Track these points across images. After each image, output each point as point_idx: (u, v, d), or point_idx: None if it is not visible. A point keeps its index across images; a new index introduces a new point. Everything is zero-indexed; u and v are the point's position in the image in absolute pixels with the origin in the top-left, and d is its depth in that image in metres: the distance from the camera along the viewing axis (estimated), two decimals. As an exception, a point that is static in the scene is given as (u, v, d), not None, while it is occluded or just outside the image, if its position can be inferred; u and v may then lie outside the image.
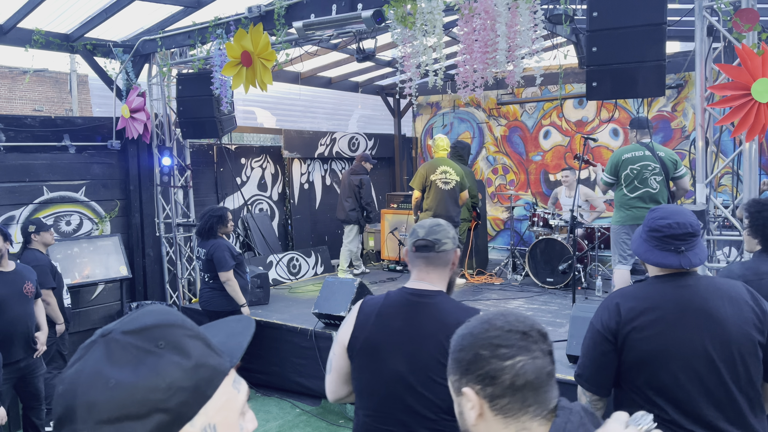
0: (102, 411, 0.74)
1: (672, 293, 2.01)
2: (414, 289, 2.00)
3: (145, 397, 0.76)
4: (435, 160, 6.38)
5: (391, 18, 4.25)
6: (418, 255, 2.02)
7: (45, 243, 4.97)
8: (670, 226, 2.00)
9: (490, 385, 1.10)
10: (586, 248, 6.80)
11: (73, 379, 0.77)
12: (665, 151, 5.16)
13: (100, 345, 0.79)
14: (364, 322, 2.00)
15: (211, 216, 5.20)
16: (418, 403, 1.90)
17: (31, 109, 17.62)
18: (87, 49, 6.28)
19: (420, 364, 1.90)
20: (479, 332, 1.15)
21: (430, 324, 1.93)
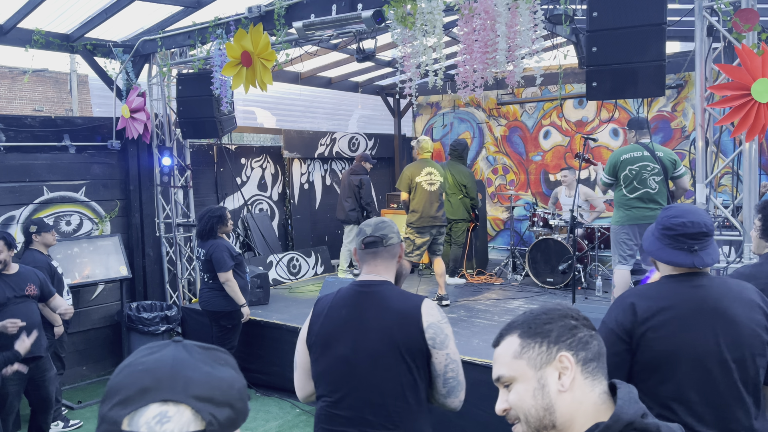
0: (196, 388, 0.86)
1: (686, 293, 2.00)
2: (362, 281, 2.16)
3: (226, 390, 0.89)
4: (420, 162, 6.42)
5: (391, 18, 4.25)
6: (367, 251, 2.18)
7: (46, 244, 4.96)
8: (684, 224, 1.99)
9: (583, 349, 1.21)
10: (586, 248, 6.80)
11: (161, 361, 0.88)
12: (664, 151, 5.16)
13: (177, 346, 0.92)
14: (318, 315, 2.18)
15: (210, 217, 5.19)
16: (363, 386, 2.04)
17: (31, 109, 17.63)
18: (87, 49, 6.28)
19: (365, 349, 2.04)
20: (562, 308, 1.27)
21: (374, 312, 2.07)
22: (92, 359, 6.26)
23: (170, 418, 0.84)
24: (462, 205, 7.15)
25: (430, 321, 2.05)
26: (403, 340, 2.02)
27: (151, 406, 0.84)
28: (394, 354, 2.02)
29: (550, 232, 7.12)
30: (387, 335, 2.03)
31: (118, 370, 0.90)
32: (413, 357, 2.02)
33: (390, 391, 2.02)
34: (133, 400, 0.84)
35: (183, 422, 0.85)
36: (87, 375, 6.19)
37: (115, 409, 0.84)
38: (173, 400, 0.85)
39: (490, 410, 4.40)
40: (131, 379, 0.86)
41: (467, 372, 4.51)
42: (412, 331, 2.02)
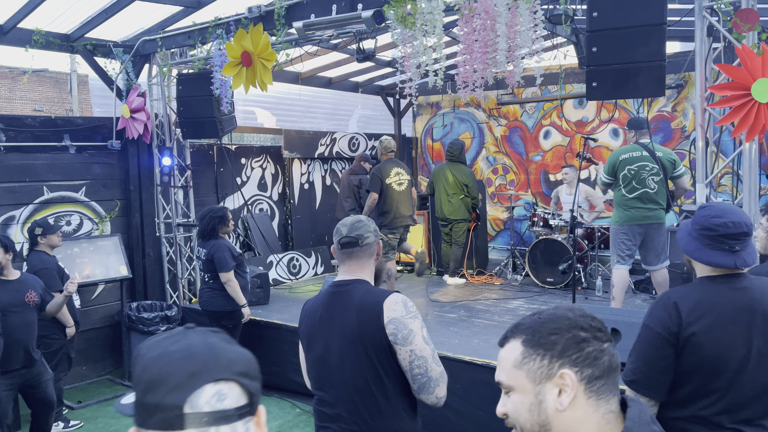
0: (238, 365, 0.95)
1: (729, 295, 1.98)
2: (335, 281, 2.21)
3: (254, 365, 0.99)
4: (386, 163, 6.49)
5: (391, 18, 4.25)
6: (343, 251, 2.20)
7: (52, 245, 4.95)
8: (726, 225, 1.96)
9: (590, 366, 1.10)
10: (586, 248, 6.80)
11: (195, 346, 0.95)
12: (663, 151, 5.16)
13: (197, 332, 0.99)
14: (303, 317, 2.26)
15: (212, 217, 5.19)
16: (335, 383, 2.09)
17: (31, 109, 17.63)
18: (87, 50, 6.28)
19: (334, 347, 2.09)
20: (571, 317, 1.15)
21: (341, 311, 2.11)
22: (92, 359, 6.26)
23: (226, 395, 0.93)
24: (463, 205, 7.15)
25: (391, 316, 2.03)
26: (363, 336, 2.03)
27: (206, 387, 0.91)
28: (358, 351, 2.04)
29: (550, 232, 7.12)
30: (351, 333, 2.06)
31: (149, 362, 0.94)
32: (377, 354, 2.03)
33: (358, 389, 2.04)
34: (185, 384, 0.90)
35: (235, 397, 0.94)
36: (87, 375, 6.19)
37: (171, 396, 0.90)
38: (223, 378, 0.93)
39: (490, 410, 4.40)
40: (175, 366, 0.91)
41: (468, 372, 4.51)
42: (372, 327, 2.03)
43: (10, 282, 4.09)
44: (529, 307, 6.10)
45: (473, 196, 7.18)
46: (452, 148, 7.35)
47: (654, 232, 5.05)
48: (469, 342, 4.87)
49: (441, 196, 7.23)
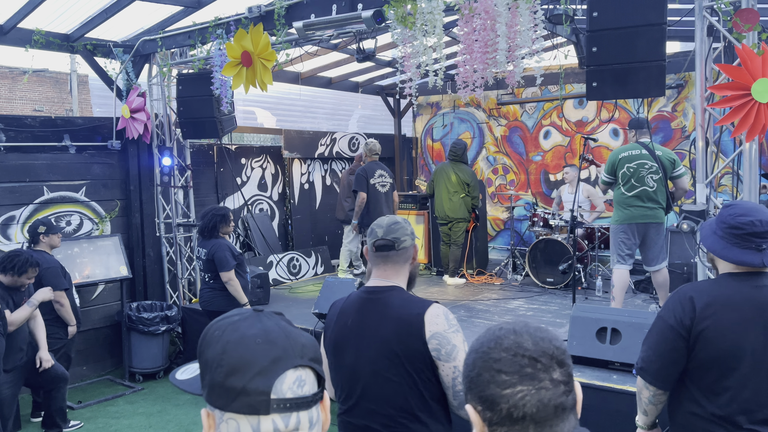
0: (310, 351, 0.98)
1: (749, 293, 1.98)
2: (369, 287, 2.05)
3: (320, 351, 1.00)
4: (371, 164, 6.68)
5: (391, 18, 4.25)
6: (378, 255, 2.04)
7: (52, 245, 4.97)
8: (753, 223, 1.97)
9: (489, 410, 1.02)
10: (586, 248, 6.80)
11: (273, 332, 0.96)
12: (663, 151, 5.16)
13: (269, 315, 1.01)
14: (330, 322, 2.11)
15: (214, 215, 5.20)
16: (368, 397, 1.95)
17: (31, 109, 17.62)
18: (87, 50, 6.28)
19: (366, 358, 1.95)
20: (484, 351, 1.05)
21: (375, 320, 1.96)
22: (92, 359, 6.26)
23: (305, 381, 0.96)
24: (463, 204, 7.15)
25: (434, 330, 1.88)
26: (403, 350, 1.89)
27: (288, 373, 0.94)
28: (396, 365, 1.89)
29: (550, 232, 7.12)
30: (387, 344, 1.91)
31: (230, 345, 0.94)
32: (416, 369, 1.88)
33: (394, 404, 1.90)
34: (270, 370, 0.92)
35: (311, 383, 0.97)
36: (87, 375, 6.19)
37: (257, 381, 0.91)
38: (301, 365, 0.95)
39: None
40: (258, 351, 0.93)
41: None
42: (413, 340, 1.88)
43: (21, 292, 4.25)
44: (529, 307, 6.10)
45: (474, 195, 7.18)
46: (455, 147, 7.34)
47: (654, 232, 5.05)
48: (469, 342, 4.86)
49: (442, 194, 7.22)
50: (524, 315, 5.79)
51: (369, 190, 6.48)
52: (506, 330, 1.07)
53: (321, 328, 5.22)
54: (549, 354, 1.02)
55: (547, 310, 5.95)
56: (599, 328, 4.01)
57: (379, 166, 6.68)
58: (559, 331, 5.13)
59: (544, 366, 1.01)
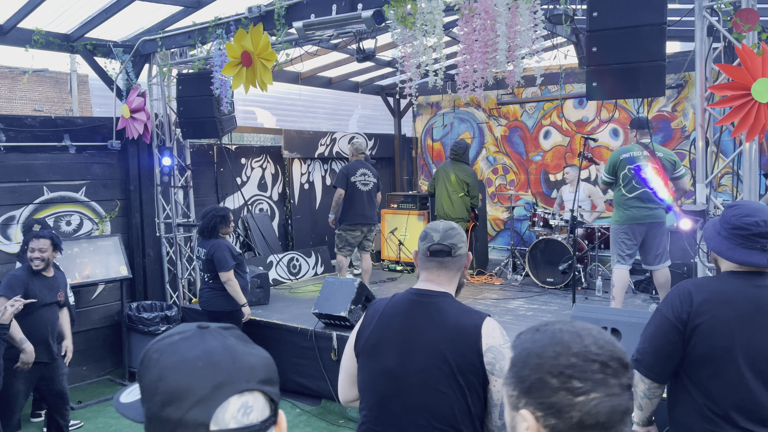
0: (260, 372, 0.88)
1: (749, 291, 1.99)
2: (419, 290, 1.96)
3: (274, 368, 0.92)
4: (355, 163, 6.77)
5: (391, 18, 4.25)
6: (432, 260, 1.96)
7: None
8: (758, 224, 1.98)
9: (554, 417, 0.95)
10: (586, 248, 6.80)
11: (216, 353, 0.87)
12: (664, 152, 5.16)
13: (212, 332, 0.91)
14: (369, 321, 1.98)
15: (214, 215, 5.20)
16: (409, 405, 1.84)
17: (31, 109, 17.63)
18: (87, 50, 6.28)
19: (413, 365, 1.85)
20: (549, 355, 0.98)
21: (427, 325, 1.87)
22: (92, 359, 6.26)
23: (252, 408, 0.86)
24: (462, 204, 7.14)
25: (490, 344, 1.81)
26: (457, 360, 1.80)
27: (231, 400, 0.84)
28: (446, 374, 1.80)
29: (550, 232, 7.12)
30: (439, 352, 1.82)
31: (166, 370, 0.86)
32: (467, 380, 1.80)
33: (439, 415, 1.81)
34: (210, 398, 0.83)
35: (260, 409, 0.88)
36: (87, 375, 6.19)
37: (195, 411, 0.82)
38: (248, 389, 0.86)
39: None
40: (197, 377, 0.84)
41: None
42: (468, 351, 1.81)
43: (48, 278, 4.23)
44: (529, 307, 6.10)
45: (473, 194, 7.17)
46: (456, 147, 7.31)
47: (655, 231, 5.05)
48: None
49: (442, 194, 7.22)
50: (524, 315, 5.79)
51: (349, 187, 6.57)
52: (569, 333, 1.00)
53: (321, 328, 5.25)
54: (616, 357, 0.97)
55: (547, 310, 5.95)
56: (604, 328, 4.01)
57: (363, 165, 6.76)
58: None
59: (614, 371, 0.96)
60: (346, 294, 5.20)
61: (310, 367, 5.29)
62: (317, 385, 5.24)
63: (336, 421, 4.92)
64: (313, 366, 5.25)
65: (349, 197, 6.55)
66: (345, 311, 5.09)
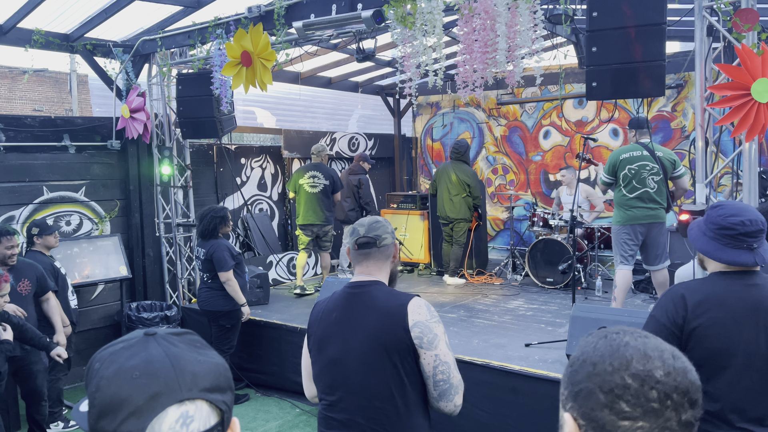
0: (205, 379, 0.85)
1: (741, 291, 1.99)
2: (352, 282, 2.12)
3: (225, 374, 0.89)
4: (308, 165, 7.06)
5: (391, 18, 4.25)
6: (360, 252, 2.12)
7: (48, 246, 4.96)
8: (743, 223, 1.98)
9: (595, 429, 0.88)
10: (585, 248, 6.80)
11: (156, 361, 0.83)
12: (663, 151, 5.16)
13: (157, 339, 0.87)
14: (315, 319, 2.16)
15: (213, 217, 5.21)
16: (353, 388, 1.99)
17: (31, 109, 17.62)
18: (87, 49, 6.28)
19: (353, 350, 2.00)
20: (604, 369, 0.89)
21: (361, 312, 2.03)
22: (92, 359, 6.25)
23: (193, 417, 0.82)
24: (464, 204, 7.15)
25: (416, 319, 1.96)
26: (389, 340, 1.96)
27: (170, 411, 0.81)
28: (381, 355, 1.96)
29: (550, 232, 7.12)
30: (373, 335, 1.98)
31: (103, 381, 0.82)
32: (400, 357, 1.95)
33: (379, 394, 1.96)
34: (146, 409, 0.79)
35: (204, 417, 0.84)
36: (87, 375, 6.19)
37: (129, 423, 0.79)
38: (189, 398, 0.82)
39: (489, 410, 4.39)
40: (132, 387, 0.80)
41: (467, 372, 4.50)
42: (397, 330, 1.96)
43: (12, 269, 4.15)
44: (529, 307, 6.10)
45: (475, 195, 7.18)
46: (457, 146, 7.34)
47: (655, 232, 5.05)
48: (469, 342, 4.87)
49: (443, 195, 7.23)
50: (524, 315, 5.79)
51: (297, 190, 6.90)
52: (635, 349, 0.91)
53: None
54: (682, 390, 0.87)
55: (546, 310, 5.95)
56: (599, 328, 4.01)
57: (315, 168, 6.96)
58: (558, 330, 5.13)
59: (675, 404, 0.86)
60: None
61: (310, 367, 5.28)
62: (317, 385, 5.23)
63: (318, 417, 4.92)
64: (313, 366, 5.24)
65: (299, 199, 6.87)
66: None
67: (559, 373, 4.02)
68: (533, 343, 4.71)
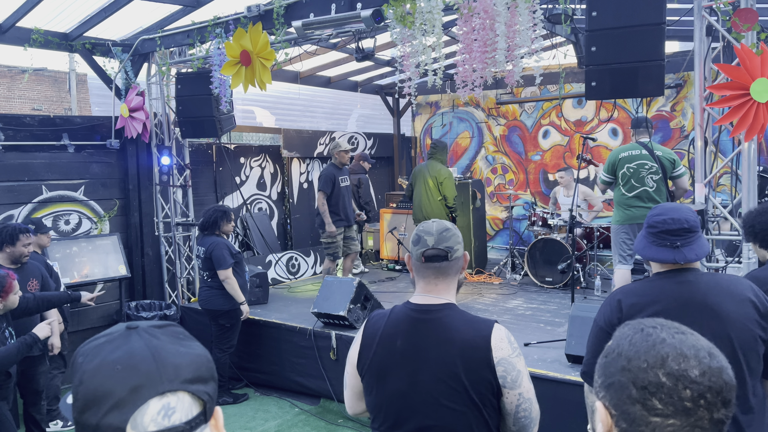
0: (186, 370, 0.85)
1: (672, 289, 2.03)
2: (418, 305, 1.86)
3: (207, 365, 0.89)
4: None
5: (390, 17, 4.25)
6: (428, 266, 1.85)
7: (41, 245, 4.97)
8: (665, 221, 2.03)
9: (626, 423, 0.90)
10: (585, 248, 6.80)
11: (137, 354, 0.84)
12: (663, 151, 5.16)
13: (140, 333, 0.87)
14: (370, 342, 1.89)
15: (215, 210, 5.25)
16: (424, 426, 1.79)
17: (30, 108, 17.60)
18: (86, 48, 6.27)
19: (423, 386, 1.79)
20: (639, 365, 0.91)
21: (433, 344, 1.80)
22: (91, 358, 6.25)
23: (174, 409, 0.83)
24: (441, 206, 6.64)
25: (501, 356, 1.76)
26: (468, 376, 1.75)
27: (151, 403, 0.82)
28: (458, 391, 1.75)
29: (549, 232, 7.12)
30: (449, 370, 1.76)
31: (86, 374, 0.83)
32: (481, 396, 1.76)
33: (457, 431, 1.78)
34: (128, 401, 0.80)
35: (185, 409, 0.85)
36: (86, 374, 6.18)
37: (111, 416, 0.80)
38: (170, 390, 0.83)
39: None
40: (114, 380, 0.81)
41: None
42: (479, 366, 1.75)
43: (22, 268, 4.16)
44: (528, 307, 6.10)
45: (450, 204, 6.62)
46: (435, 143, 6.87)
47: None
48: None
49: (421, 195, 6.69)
50: (523, 314, 5.79)
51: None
52: (671, 347, 0.91)
53: (320, 328, 5.25)
54: (716, 390, 0.88)
55: (546, 310, 5.95)
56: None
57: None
58: (557, 330, 5.13)
59: (708, 404, 0.87)
60: (345, 293, 5.20)
61: (309, 367, 5.29)
62: (316, 384, 5.23)
63: (335, 421, 4.92)
64: (312, 365, 5.24)
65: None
66: (344, 310, 5.09)
67: (558, 372, 4.02)
68: (532, 343, 4.72)
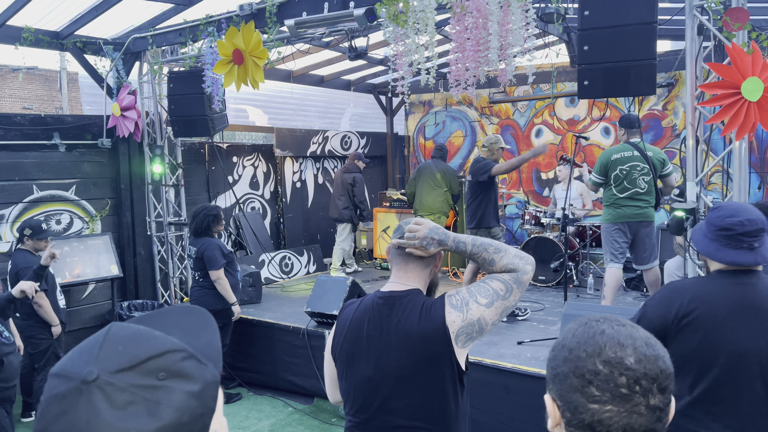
0: None
1: (733, 290, 2.01)
2: (384, 293, 1.91)
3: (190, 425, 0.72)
4: None
5: (383, 16, 4.24)
6: (401, 252, 1.90)
7: (36, 249, 4.93)
8: (742, 223, 1.99)
9: (569, 412, 0.95)
10: (577, 246, 6.82)
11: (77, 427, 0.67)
12: (653, 150, 5.19)
13: (92, 393, 0.69)
14: (341, 329, 1.96)
15: (206, 215, 5.19)
16: (389, 409, 1.84)
17: (20, 107, 17.48)
18: (77, 47, 6.23)
19: (387, 369, 1.83)
20: (579, 354, 0.95)
21: (393, 328, 1.84)
22: (83, 359, 6.22)
23: None
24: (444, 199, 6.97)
25: (455, 329, 1.78)
26: (430, 360, 1.79)
27: None
28: (423, 374, 1.79)
29: (541, 230, 7.14)
30: (410, 351, 1.80)
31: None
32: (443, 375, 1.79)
33: (421, 415, 1.81)
34: None
35: None
36: (78, 375, 6.15)
37: None
38: None
39: (482, 408, 4.39)
40: None
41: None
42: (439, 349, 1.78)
43: None
44: (521, 305, 6.10)
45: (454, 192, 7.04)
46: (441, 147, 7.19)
47: (645, 231, 5.08)
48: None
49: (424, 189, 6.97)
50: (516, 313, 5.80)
51: None
52: (609, 337, 0.96)
53: (313, 327, 5.24)
54: (651, 376, 0.93)
55: (538, 308, 5.97)
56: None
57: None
58: (550, 329, 5.15)
59: (643, 390, 0.92)
60: (339, 293, 5.19)
61: (303, 366, 5.28)
62: (310, 383, 5.23)
63: (329, 420, 4.92)
64: (306, 365, 5.24)
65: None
66: (337, 309, 5.08)
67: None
68: (525, 341, 4.73)
